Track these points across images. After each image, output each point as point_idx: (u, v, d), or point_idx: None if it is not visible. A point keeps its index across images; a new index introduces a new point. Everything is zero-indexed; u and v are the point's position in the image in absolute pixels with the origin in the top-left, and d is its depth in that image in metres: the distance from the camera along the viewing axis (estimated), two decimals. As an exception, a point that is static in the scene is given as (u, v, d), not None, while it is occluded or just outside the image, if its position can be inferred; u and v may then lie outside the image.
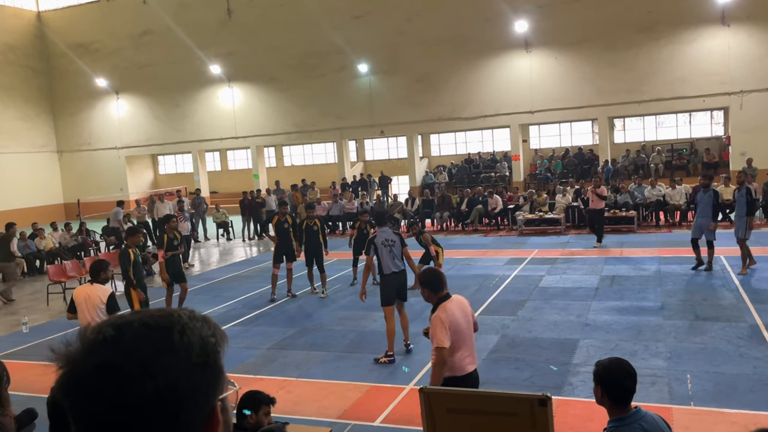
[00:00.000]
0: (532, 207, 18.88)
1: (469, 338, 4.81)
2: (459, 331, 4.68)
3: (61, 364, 0.91)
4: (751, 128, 21.94)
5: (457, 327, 4.67)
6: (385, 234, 8.30)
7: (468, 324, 4.82)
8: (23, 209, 29.53)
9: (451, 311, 4.70)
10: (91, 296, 6.84)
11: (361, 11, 26.43)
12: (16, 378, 7.45)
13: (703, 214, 11.61)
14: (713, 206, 11.49)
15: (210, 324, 0.98)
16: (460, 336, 4.68)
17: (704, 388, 6.46)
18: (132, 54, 30.95)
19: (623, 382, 3.16)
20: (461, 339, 4.70)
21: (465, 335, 4.74)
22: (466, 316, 4.82)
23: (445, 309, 4.71)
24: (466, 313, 4.84)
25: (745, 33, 21.98)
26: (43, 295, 13.70)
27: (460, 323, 4.71)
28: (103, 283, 7.00)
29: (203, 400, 0.93)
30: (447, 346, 4.58)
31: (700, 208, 11.74)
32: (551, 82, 24.58)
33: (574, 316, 9.33)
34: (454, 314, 4.69)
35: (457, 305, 4.82)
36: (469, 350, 4.79)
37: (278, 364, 8.23)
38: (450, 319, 4.64)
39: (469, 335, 4.81)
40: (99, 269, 7.01)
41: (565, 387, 6.74)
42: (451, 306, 4.75)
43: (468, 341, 4.78)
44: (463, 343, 4.72)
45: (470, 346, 4.81)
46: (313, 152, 32.83)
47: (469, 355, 4.78)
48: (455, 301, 4.84)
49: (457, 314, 4.72)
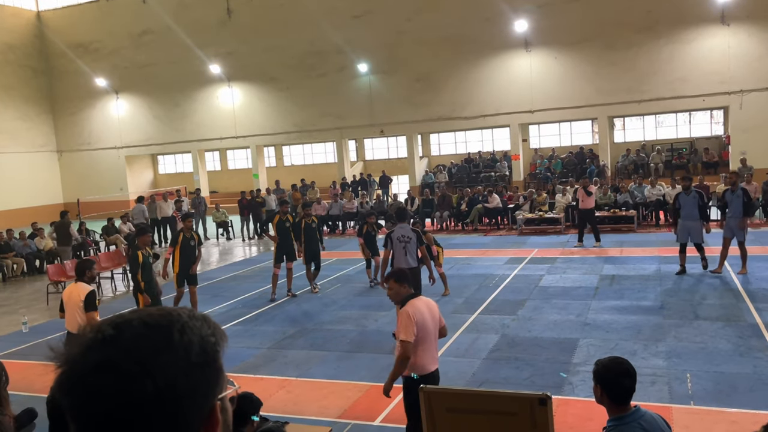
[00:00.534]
0: (532, 206, 18.89)
1: (434, 339, 4.88)
2: (425, 329, 4.75)
3: (60, 363, 0.91)
4: (751, 127, 21.95)
5: (424, 325, 4.74)
6: (402, 230, 8.55)
7: (434, 325, 4.88)
8: (23, 209, 29.55)
9: (419, 308, 4.78)
10: (73, 295, 6.92)
11: (360, 11, 26.42)
12: (16, 377, 7.45)
13: (689, 217, 11.26)
14: (699, 207, 11.19)
15: (210, 323, 0.98)
16: (425, 335, 4.75)
17: (704, 388, 6.46)
18: (132, 54, 30.94)
19: (622, 381, 3.16)
20: (426, 338, 4.76)
21: (430, 335, 4.80)
22: (433, 317, 4.88)
23: (414, 305, 4.79)
24: (433, 314, 4.90)
25: (744, 32, 21.98)
26: (43, 295, 13.70)
27: (427, 322, 4.78)
28: (88, 282, 7.02)
29: (202, 399, 0.93)
30: (411, 341, 4.65)
31: (686, 211, 11.33)
32: (551, 81, 24.58)
33: (573, 316, 9.33)
34: (422, 312, 4.77)
35: (425, 305, 4.89)
36: (432, 351, 4.86)
37: (278, 363, 8.23)
38: (417, 315, 4.71)
39: (434, 336, 4.87)
40: (84, 268, 7.06)
41: (565, 386, 6.74)
42: (419, 304, 4.84)
43: (432, 342, 4.85)
44: (428, 342, 4.78)
45: (434, 346, 4.89)
46: (313, 152, 32.83)
47: (431, 356, 4.85)
48: (423, 301, 4.93)
49: (425, 313, 4.79)
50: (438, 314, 4.98)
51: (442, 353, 8.05)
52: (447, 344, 8.42)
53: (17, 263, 17.15)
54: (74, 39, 31.94)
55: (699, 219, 11.18)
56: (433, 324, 4.86)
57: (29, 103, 32.12)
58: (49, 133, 33.35)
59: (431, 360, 4.86)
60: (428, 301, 5.01)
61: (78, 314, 6.81)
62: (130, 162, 32.93)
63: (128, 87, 31.56)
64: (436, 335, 4.92)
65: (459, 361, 7.78)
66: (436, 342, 4.93)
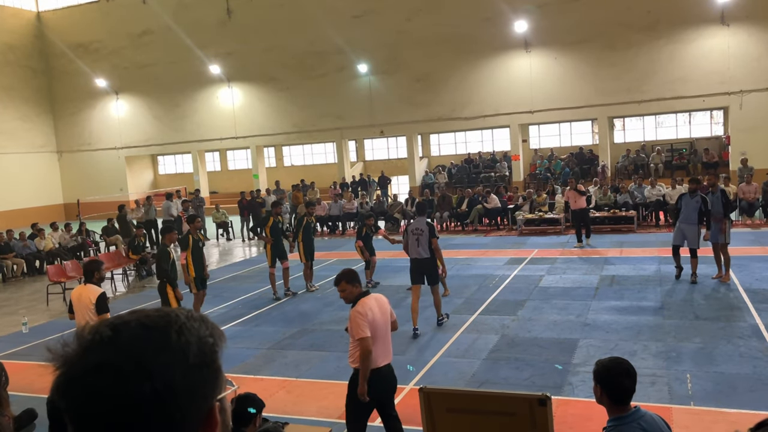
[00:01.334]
0: (532, 207, 18.88)
1: (385, 334, 5.10)
2: (376, 326, 4.98)
3: (58, 365, 0.91)
4: (751, 128, 21.94)
5: (374, 322, 4.98)
6: (417, 224, 9.22)
7: (385, 321, 5.09)
8: (23, 209, 29.56)
9: (370, 306, 5.02)
10: (82, 297, 6.82)
11: (360, 11, 26.43)
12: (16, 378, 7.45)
13: (686, 220, 10.96)
14: (700, 212, 10.84)
15: (208, 324, 0.98)
16: (377, 331, 4.99)
17: (704, 388, 6.46)
18: (132, 54, 30.95)
19: (622, 382, 3.17)
20: (377, 334, 5.00)
21: (381, 331, 5.03)
22: (383, 313, 5.10)
23: (364, 303, 5.04)
24: (384, 310, 5.11)
25: (744, 33, 21.98)
26: (43, 296, 13.70)
27: (377, 319, 5.01)
28: (96, 283, 6.94)
29: (201, 400, 0.93)
30: (368, 335, 4.92)
31: (685, 214, 11.01)
32: (551, 82, 24.58)
33: (573, 316, 9.33)
34: (372, 309, 5.01)
35: (375, 301, 5.11)
36: (383, 346, 5.07)
37: (278, 364, 8.23)
38: (369, 314, 4.97)
39: (386, 332, 5.10)
40: (92, 269, 6.97)
41: (565, 387, 6.74)
42: (369, 301, 5.07)
43: (383, 337, 5.07)
44: (379, 338, 5.01)
45: (385, 342, 5.10)
46: (313, 152, 32.83)
47: (383, 351, 5.06)
48: (373, 298, 5.14)
49: (375, 310, 5.03)
50: (388, 309, 5.18)
51: (441, 353, 8.09)
52: (447, 345, 8.42)
53: (17, 264, 17.15)
54: (74, 39, 31.94)
55: (697, 224, 10.87)
56: (384, 320, 5.08)
57: (29, 103, 32.12)
58: (49, 133, 33.36)
59: (382, 355, 5.06)
60: (378, 297, 5.21)
61: (89, 316, 6.74)
62: (130, 162, 32.93)
63: (128, 87, 31.57)
64: (388, 330, 5.14)
65: (459, 362, 7.78)
66: (387, 337, 5.13)
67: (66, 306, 13.00)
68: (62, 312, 12.62)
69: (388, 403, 5.25)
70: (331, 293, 12.03)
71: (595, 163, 24.74)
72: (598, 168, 23.85)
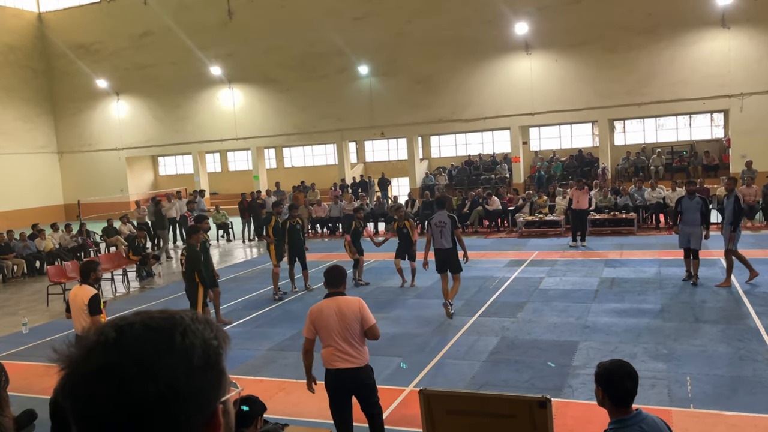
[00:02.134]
0: (532, 209, 18.88)
1: (338, 336, 5.02)
2: (325, 327, 5.03)
3: (63, 366, 0.92)
4: (751, 130, 21.95)
5: (324, 323, 5.03)
6: (439, 216, 9.84)
7: (342, 324, 5.01)
8: (23, 210, 29.57)
9: (321, 308, 5.10)
10: (77, 297, 6.84)
11: (361, 13, 26.45)
12: (16, 379, 7.45)
13: (689, 222, 11.01)
14: (702, 213, 10.91)
15: (212, 326, 0.99)
16: (326, 332, 5.04)
17: (704, 391, 6.46)
18: (132, 55, 30.98)
19: (624, 384, 3.17)
20: (327, 335, 5.04)
21: (333, 333, 5.02)
22: (342, 317, 5.02)
23: (317, 305, 5.19)
24: (344, 314, 5.03)
25: (745, 35, 22.00)
26: (43, 296, 13.70)
27: (329, 320, 5.02)
28: (92, 284, 6.94)
29: (205, 402, 0.94)
30: (307, 337, 5.15)
31: (686, 216, 11.08)
32: (551, 84, 24.60)
33: (573, 318, 9.33)
34: (322, 311, 5.07)
35: (335, 303, 5.09)
36: (338, 348, 5.03)
37: (278, 365, 8.23)
38: (314, 315, 5.10)
39: (339, 334, 5.02)
40: (88, 270, 6.97)
41: (565, 389, 6.74)
42: (325, 303, 5.13)
43: (335, 339, 5.02)
44: (331, 339, 5.03)
45: (339, 344, 5.03)
46: (314, 153, 32.84)
47: (336, 353, 5.04)
48: (336, 300, 5.12)
49: (327, 312, 5.05)
50: (353, 315, 5.05)
51: (441, 355, 8.09)
52: (447, 346, 8.43)
53: (17, 264, 17.16)
54: (75, 40, 31.97)
55: (700, 225, 10.93)
56: (341, 325, 5.02)
57: (30, 104, 32.14)
58: (50, 134, 33.38)
59: (334, 358, 5.05)
60: (344, 300, 5.13)
61: (83, 317, 6.78)
62: (130, 163, 32.94)
63: (129, 88, 31.59)
64: (345, 334, 5.03)
65: (459, 363, 7.78)
66: (344, 341, 5.03)
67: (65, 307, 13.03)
68: (62, 313, 12.60)
69: (365, 403, 5.23)
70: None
71: (596, 165, 24.75)
72: (599, 170, 23.86)
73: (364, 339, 5.13)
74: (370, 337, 5.13)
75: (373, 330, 5.12)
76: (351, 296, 5.22)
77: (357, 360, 5.07)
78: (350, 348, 5.05)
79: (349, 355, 5.05)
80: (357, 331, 5.06)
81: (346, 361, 5.05)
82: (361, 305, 5.13)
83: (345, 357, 5.04)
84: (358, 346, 5.09)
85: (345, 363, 5.05)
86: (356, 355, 5.07)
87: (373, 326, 5.11)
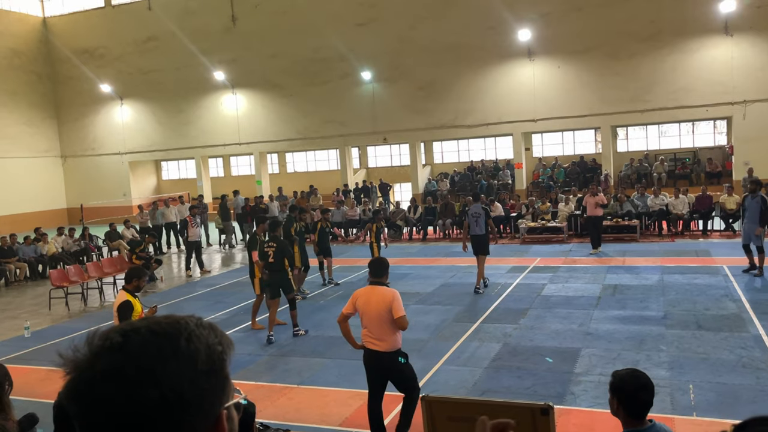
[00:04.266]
0: (535, 215, 18.87)
1: (371, 322, 5.67)
2: (362, 311, 5.72)
3: (69, 370, 0.92)
4: (754, 137, 21.93)
5: (362, 308, 5.72)
6: (475, 208, 11.89)
7: (377, 312, 5.61)
8: (27, 213, 29.64)
9: (363, 293, 5.79)
10: (115, 302, 6.64)
11: (364, 19, 26.53)
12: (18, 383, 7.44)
13: (751, 220, 11.73)
14: (761, 212, 11.52)
15: (217, 332, 0.99)
16: (362, 315, 5.73)
17: (706, 399, 6.44)
18: (136, 60, 31.09)
19: (640, 395, 3.13)
20: (364, 318, 5.73)
21: (367, 317, 5.69)
22: (378, 306, 5.62)
23: (362, 289, 5.87)
24: (378, 302, 5.63)
25: (748, 43, 22.01)
26: (45, 300, 13.70)
27: (367, 306, 5.68)
28: (132, 291, 6.59)
29: (209, 407, 0.94)
30: (343, 312, 5.89)
31: (748, 214, 11.85)
32: (554, 90, 24.62)
33: (576, 325, 9.31)
34: (363, 296, 5.75)
35: (374, 291, 5.72)
36: (368, 332, 5.71)
37: (280, 370, 8.23)
38: (358, 297, 5.80)
39: (375, 321, 5.64)
40: (132, 276, 6.64)
41: (567, 396, 6.72)
42: (364, 289, 5.83)
43: (367, 324, 5.71)
44: (366, 322, 5.73)
45: (370, 329, 5.70)
46: (316, 159, 32.88)
47: (368, 335, 5.72)
48: (375, 289, 5.75)
49: (366, 298, 5.71)
50: (385, 305, 5.59)
51: (443, 361, 8.08)
52: (449, 353, 8.41)
53: (20, 268, 17.18)
54: (79, 45, 32.10)
55: (757, 222, 11.56)
56: (376, 312, 5.62)
57: (34, 108, 32.25)
58: (54, 138, 33.48)
59: (366, 339, 5.74)
60: (381, 290, 5.72)
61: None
62: (133, 168, 33.01)
63: (132, 93, 31.69)
64: (378, 322, 5.63)
65: (460, 370, 7.76)
66: (377, 327, 5.64)
67: (68, 311, 13.04)
68: (64, 316, 12.64)
69: (396, 384, 5.82)
70: (334, 300, 12.02)
71: (598, 171, 24.74)
72: (601, 177, 23.85)
73: (393, 327, 5.63)
74: (398, 326, 5.63)
75: (401, 321, 5.61)
76: (388, 288, 5.80)
77: (382, 345, 5.67)
78: (380, 333, 5.66)
79: (378, 339, 5.68)
80: (387, 319, 5.60)
81: (374, 344, 5.70)
82: (394, 297, 5.65)
83: (374, 341, 5.70)
84: (387, 333, 5.64)
85: (373, 346, 5.70)
86: (384, 339, 5.66)
87: (401, 317, 5.59)
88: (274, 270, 9.65)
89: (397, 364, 5.73)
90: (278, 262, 9.59)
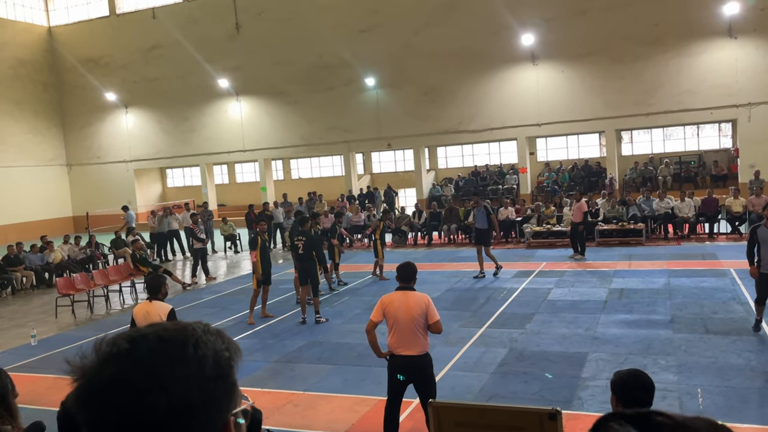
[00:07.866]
0: (540, 220, 18.84)
1: (403, 328, 5.58)
2: (393, 316, 5.63)
3: (76, 377, 0.92)
4: (760, 140, 21.85)
5: (392, 313, 5.63)
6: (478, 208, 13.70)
7: (407, 317, 5.56)
8: (33, 222, 29.76)
9: (392, 299, 5.70)
10: (151, 314, 6.42)
11: (368, 25, 26.60)
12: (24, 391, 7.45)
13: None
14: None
15: (224, 338, 0.99)
16: (392, 322, 5.64)
17: (715, 403, 6.40)
18: (141, 68, 31.24)
19: (637, 394, 3.15)
20: (393, 325, 5.64)
21: (398, 324, 5.60)
22: (409, 310, 5.57)
23: (390, 295, 5.78)
24: (410, 307, 5.58)
25: (752, 45, 21.97)
26: (52, 308, 13.74)
27: (398, 312, 5.60)
28: (162, 299, 6.59)
29: (216, 413, 0.94)
30: (372, 320, 5.75)
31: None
32: (558, 94, 24.61)
33: (582, 330, 9.27)
34: (393, 302, 5.66)
35: (405, 297, 5.66)
36: (399, 338, 5.61)
37: (286, 377, 8.22)
38: (387, 303, 5.70)
39: (405, 326, 5.57)
40: (159, 285, 6.61)
41: (574, 401, 6.69)
42: (394, 295, 5.73)
43: (399, 330, 5.61)
44: (395, 329, 5.63)
45: (401, 335, 5.60)
46: (321, 165, 32.94)
47: (397, 342, 5.63)
48: (406, 294, 5.69)
49: (397, 304, 5.63)
50: (420, 310, 5.57)
51: (449, 367, 8.05)
52: (455, 358, 8.39)
53: (27, 276, 17.24)
54: (85, 54, 32.29)
55: None
56: (405, 316, 5.56)
57: (40, 117, 32.42)
58: (59, 146, 33.63)
59: (397, 344, 5.63)
60: (413, 295, 5.67)
61: None
62: (138, 175, 33.13)
63: (137, 101, 31.83)
64: (409, 327, 5.56)
65: (467, 375, 7.74)
66: (406, 333, 5.57)
67: (74, 319, 13.07)
68: (71, 324, 12.66)
69: (420, 391, 5.70)
70: (339, 306, 12.02)
71: (603, 175, 24.69)
72: (606, 180, 23.80)
73: (425, 332, 5.62)
74: (434, 330, 5.65)
75: (437, 325, 5.63)
76: (420, 293, 5.73)
77: (416, 349, 5.61)
78: (412, 338, 5.60)
79: (411, 343, 5.60)
80: (422, 323, 5.58)
81: (409, 349, 5.60)
82: (428, 302, 5.66)
83: (405, 346, 5.60)
84: (421, 338, 5.62)
85: (405, 351, 5.60)
86: (417, 344, 5.61)
87: (437, 322, 5.63)
88: (304, 260, 11.02)
89: (430, 368, 5.71)
90: (307, 252, 10.95)
